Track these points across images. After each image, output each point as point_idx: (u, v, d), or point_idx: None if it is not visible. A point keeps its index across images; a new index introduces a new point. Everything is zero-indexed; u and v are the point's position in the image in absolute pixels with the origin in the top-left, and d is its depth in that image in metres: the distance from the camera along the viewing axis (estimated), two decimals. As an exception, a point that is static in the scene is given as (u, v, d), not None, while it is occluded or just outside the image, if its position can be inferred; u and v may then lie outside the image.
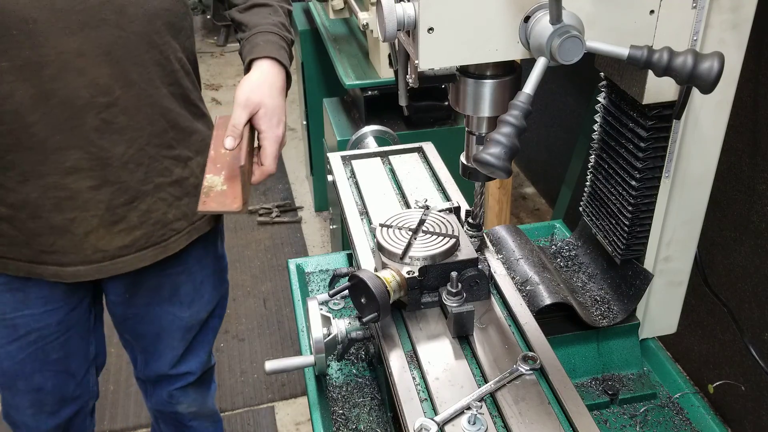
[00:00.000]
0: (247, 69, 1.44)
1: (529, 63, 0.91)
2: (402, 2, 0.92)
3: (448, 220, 1.25)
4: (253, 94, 1.37)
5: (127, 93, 1.35)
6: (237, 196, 1.33)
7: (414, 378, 1.06)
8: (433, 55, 0.93)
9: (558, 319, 1.33)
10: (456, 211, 1.36)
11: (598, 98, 1.28)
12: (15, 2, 1.21)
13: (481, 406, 0.97)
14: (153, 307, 1.69)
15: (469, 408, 0.97)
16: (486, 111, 1.04)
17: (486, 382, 1.04)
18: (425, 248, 1.18)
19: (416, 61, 0.94)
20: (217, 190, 1.34)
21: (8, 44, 1.23)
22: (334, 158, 1.66)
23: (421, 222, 1.25)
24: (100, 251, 1.46)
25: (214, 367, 1.99)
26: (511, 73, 1.02)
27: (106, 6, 1.28)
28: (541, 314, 1.27)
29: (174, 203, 1.51)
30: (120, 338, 1.86)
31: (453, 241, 1.19)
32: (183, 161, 1.51)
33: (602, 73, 1.23)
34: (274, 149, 1.41)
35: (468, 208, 1.38)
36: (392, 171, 1.62)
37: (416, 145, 1.69)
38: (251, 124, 1.39)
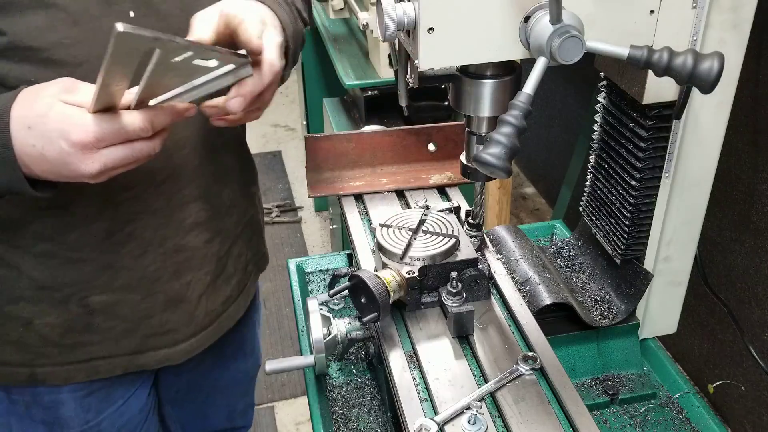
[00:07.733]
0: None
1: (529, 63, 0.91)
2: (402, 2, 0.92)
3: (448, 220, 1.24)
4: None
5: (233, 131, 1.30)
6: None
7: (414, 378, 1.06)
8: (433, 55, 0.93)
9: (558, 319, 1.33)
10: (456, 211, 1.36)
11: (598, 98, 1.28)
12: None
13: (481, 406, 0.97)
14: (217, 368, 1.53)
15: (469, 408, 0.97)
16: (486, 111, 1.04)
17: (486, 382, 1.04)
18: (425, 248, 1.17)
19: (416, 61, 0.94)
20: None
21: None
22: (334, 158, 1.66)
23: (421, 222, 1.25)
24: (210, 313, 1.32)
25: None
26: (511, 73, 1.02)
27: None
28: (541, 314, 1.27)
29: (248, 243, 1.41)
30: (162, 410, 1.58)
31: (453, 241, 1.19)
32: (251, 197, 1.43)
33: (602, 73, 1.23)
34: None
35: (468, 208, 1.38)
36: (392, 171, 1.62)
37: (416, 145, 1.68)
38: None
